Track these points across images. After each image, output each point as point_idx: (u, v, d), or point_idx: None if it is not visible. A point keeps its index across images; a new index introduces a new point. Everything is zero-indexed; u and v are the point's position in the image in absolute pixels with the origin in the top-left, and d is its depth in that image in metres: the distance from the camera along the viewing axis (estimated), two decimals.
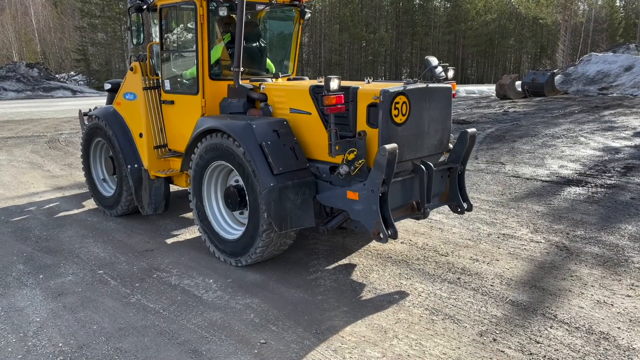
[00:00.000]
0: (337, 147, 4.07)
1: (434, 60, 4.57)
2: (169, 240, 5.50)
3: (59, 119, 17.33)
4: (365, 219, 4.05)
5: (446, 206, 4.93)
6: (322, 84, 4.14)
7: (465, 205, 4.80)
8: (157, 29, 5.49)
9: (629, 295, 4.09)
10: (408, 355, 3.29)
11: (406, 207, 4.42)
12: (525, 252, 5.02)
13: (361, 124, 4.16)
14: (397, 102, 4.07)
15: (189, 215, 6.32)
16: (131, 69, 5.77)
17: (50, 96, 31.69)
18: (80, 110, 7.39)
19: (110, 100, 6.72)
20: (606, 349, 3.35)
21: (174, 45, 5.71)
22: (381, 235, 3.96)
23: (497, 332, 3.56)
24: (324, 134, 4.31)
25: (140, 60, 5.73)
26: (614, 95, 21.49)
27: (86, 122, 6.65)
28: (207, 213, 4.94)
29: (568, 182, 7.66)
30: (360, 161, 4.05)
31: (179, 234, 5.70)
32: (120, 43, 43.55)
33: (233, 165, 4.52)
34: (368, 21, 58.49)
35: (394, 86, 4.14)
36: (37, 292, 4.26)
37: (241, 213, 4.87)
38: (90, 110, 6.70)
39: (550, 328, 3.61)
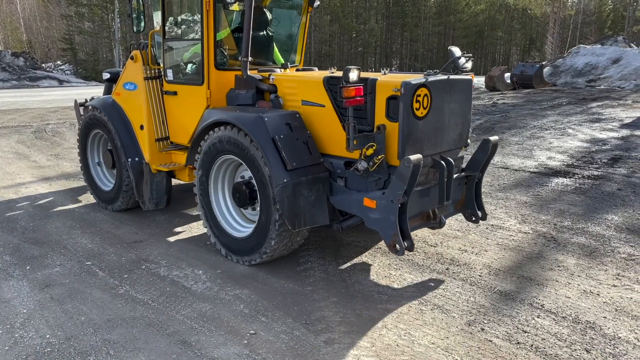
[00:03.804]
0: (355, 142, 3.82)
1: (457, 51, 4.31)
2: (158, 232, 5.46)
3: (45, 108, 17.11)
4: (382, 229, 3.87)
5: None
6: (337, 74, 3.91)
7: (479, 213, 4.62)
8: (160, 15, 5.21)
9: (614, 285, 4.15)
10: (397, 345, 3.31)
11: (422, 216, 4.23)
12: (513, 242, 5.07)
13: (380, 118, 3.91)
14: (419, 95, 3.81)
15: (183, 208, 6.28)
16: (131, 58, 5.51)
17: (36, 86, 31.29)
18: (76, 101, 7.08)
19: (108, 91, 6.44)
20: (592, 338, 3.40)
21: (177, 33, 5.37)
22: (397, 248, 3.77)
23: (485, 321, 3.60)
24: (339, 128, 4.14)
25: (141, 48, 5.47)
26: (602, 87, 21.66)
27: (82, 113, 6.43)
28: (213, 209, 4.73)
29: (556, 173, 7.73)
30: (379, 157, 3.84)
31: (168, 226, 5.66)
32: (108, 32, 42.95)
33: (244, 160, 4.28)
34: (358, 12, 58.25)
35: (415, 78, 3.88)
36: (24, 284, 4.22)
37: (252, 209, 4.66)
38: (86, 100, 6.49)
39: (538, 318, 3.65)
